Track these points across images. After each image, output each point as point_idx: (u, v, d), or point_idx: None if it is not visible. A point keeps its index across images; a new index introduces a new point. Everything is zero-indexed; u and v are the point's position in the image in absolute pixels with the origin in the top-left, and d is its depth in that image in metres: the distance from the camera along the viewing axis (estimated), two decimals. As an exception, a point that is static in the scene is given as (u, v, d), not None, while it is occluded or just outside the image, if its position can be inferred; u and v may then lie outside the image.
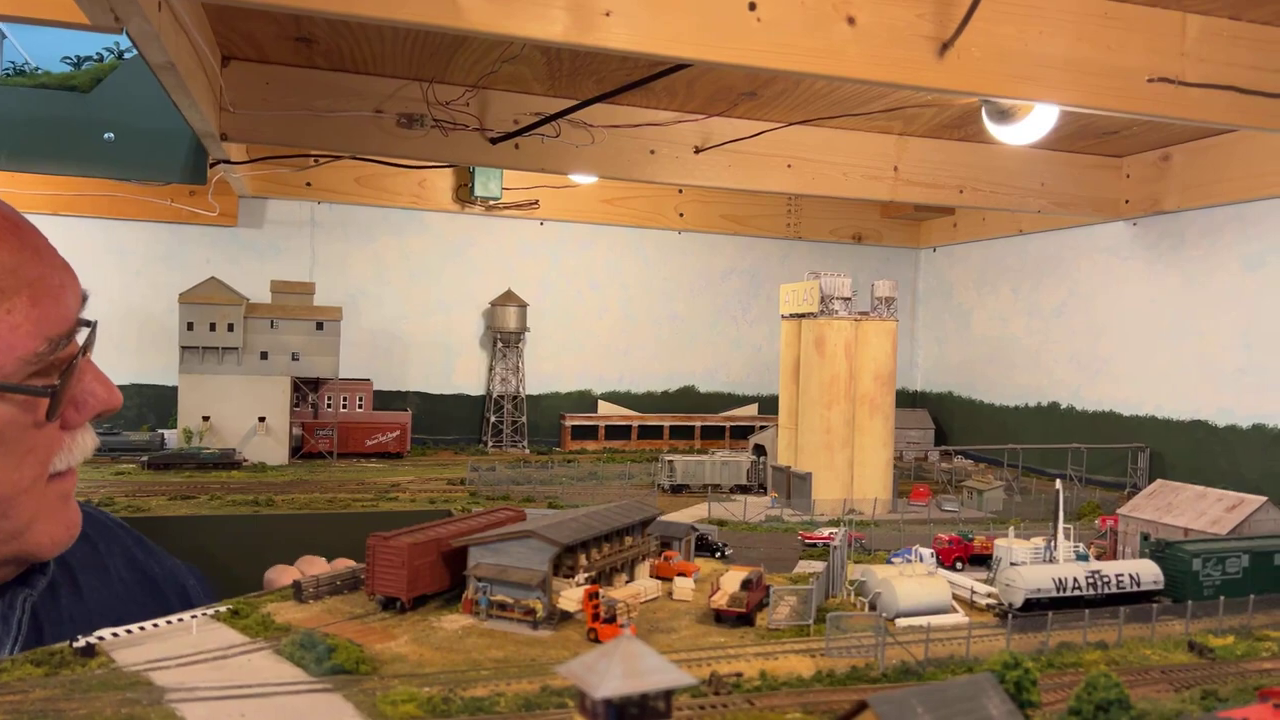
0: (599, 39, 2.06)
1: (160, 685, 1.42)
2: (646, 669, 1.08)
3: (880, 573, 2.18)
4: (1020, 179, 4.44)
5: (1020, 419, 5.49)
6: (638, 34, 2.08)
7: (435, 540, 2.04)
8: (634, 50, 2.11)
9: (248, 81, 3.32)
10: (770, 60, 2.17)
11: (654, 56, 2.16)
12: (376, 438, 4.72)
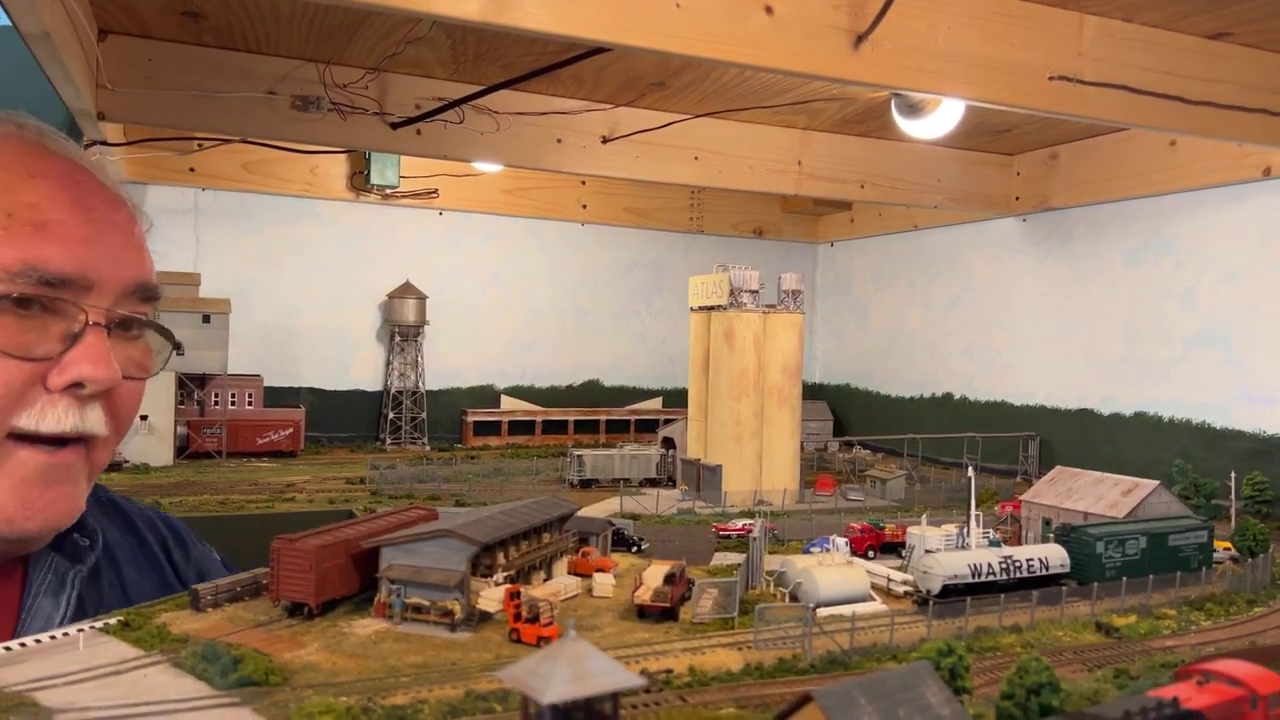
0: (516, 19, 1.99)
1: (47, 706, 1.31)
2: (593, 671, 1.03)
3: (799, 563, 2.18)
4: (917, 175, 4.55)
5: (916, 409, 5.64)
6: (556, 15, 2.02)
7: (344, 542, 1.95)
8: (552, 32, 2.05)
9: (128, 57, 3.11)
10: (689, 47, 2.14)
11: (572, 39, 2.10)
12: (268, 436, 4.52)
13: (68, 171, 1.41)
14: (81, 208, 1.38)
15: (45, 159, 1.40)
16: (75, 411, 1.36)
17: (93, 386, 1.36)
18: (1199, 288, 4.02)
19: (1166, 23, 2.74)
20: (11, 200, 1.32)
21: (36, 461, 1.34)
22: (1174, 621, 2.10)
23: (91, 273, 1.35)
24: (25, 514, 1.36)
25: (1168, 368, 4.14)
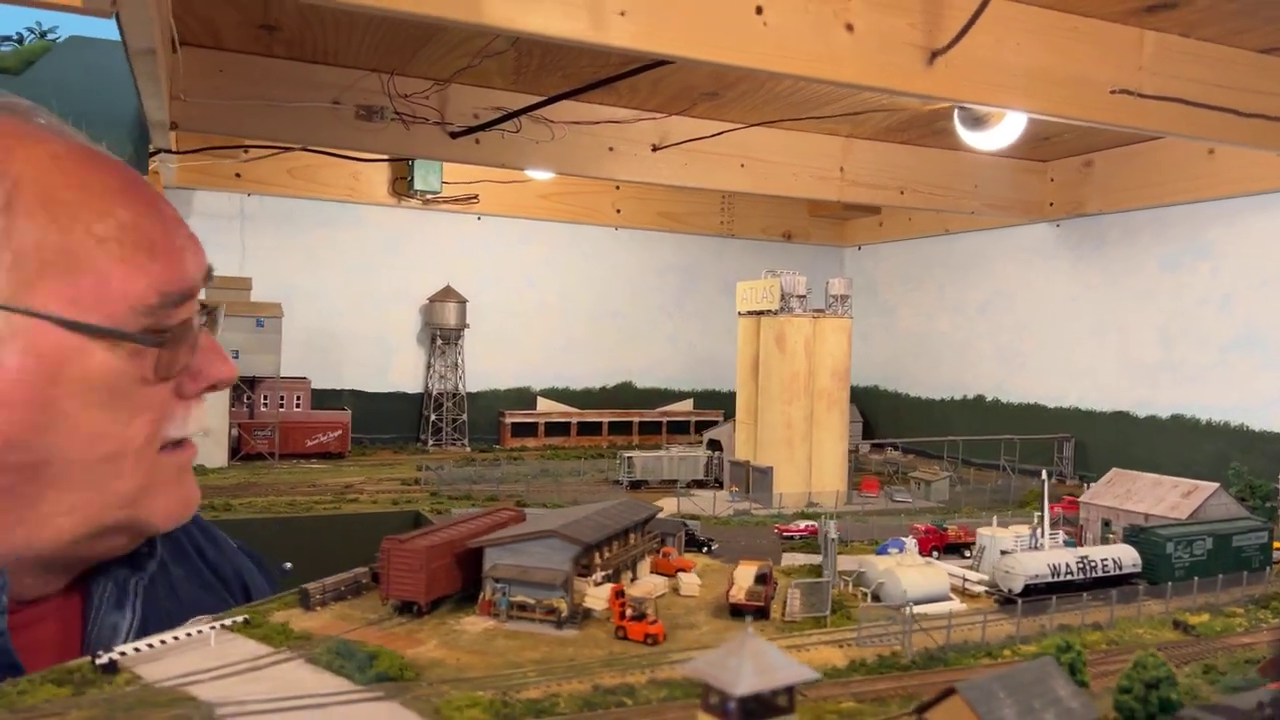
0: (611, 38, 2.07)
1: (206, 700, 1.37)
2: (774, 665, 1.10)
3: (880, 564, 2.25)
4: (955, 181, 4.62)
5: (946, 411, 5.71)
6: (649, 33, 2.09)
7: (449, 542, 2.01)
8: (643, 49, 2.12)
9: (200, 69, 3.18)
10: (774, 63, 2.21)
11: (662, 56, 2.17)
12: (317, 437, 4.59)
13: (124, 172, 1.42)
14: (158, 212, 1.40)
15: (110, 170, 1.41)
16: (201, 409, 1.43)
17: (224, 385, 1.43)
18: (1236, 293, 4.10)
19: (1221, 38, 2.81)
20: (114, 224, 1.33)
21: (179, 461, 1.42)
22: (1244, 619, 2.17)
23: (193, 277, 1.40)
24: (184, 509, 1.44)
25: (1205, 371, 4.21)
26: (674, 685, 1.59)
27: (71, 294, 1.29)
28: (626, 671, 1.67)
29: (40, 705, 1.29)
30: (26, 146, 1.35)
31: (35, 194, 1.29)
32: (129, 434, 1.33)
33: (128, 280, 1.31)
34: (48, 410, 1.30)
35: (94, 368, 1.30)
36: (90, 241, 1.31)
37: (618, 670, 1.67)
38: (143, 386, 1.34)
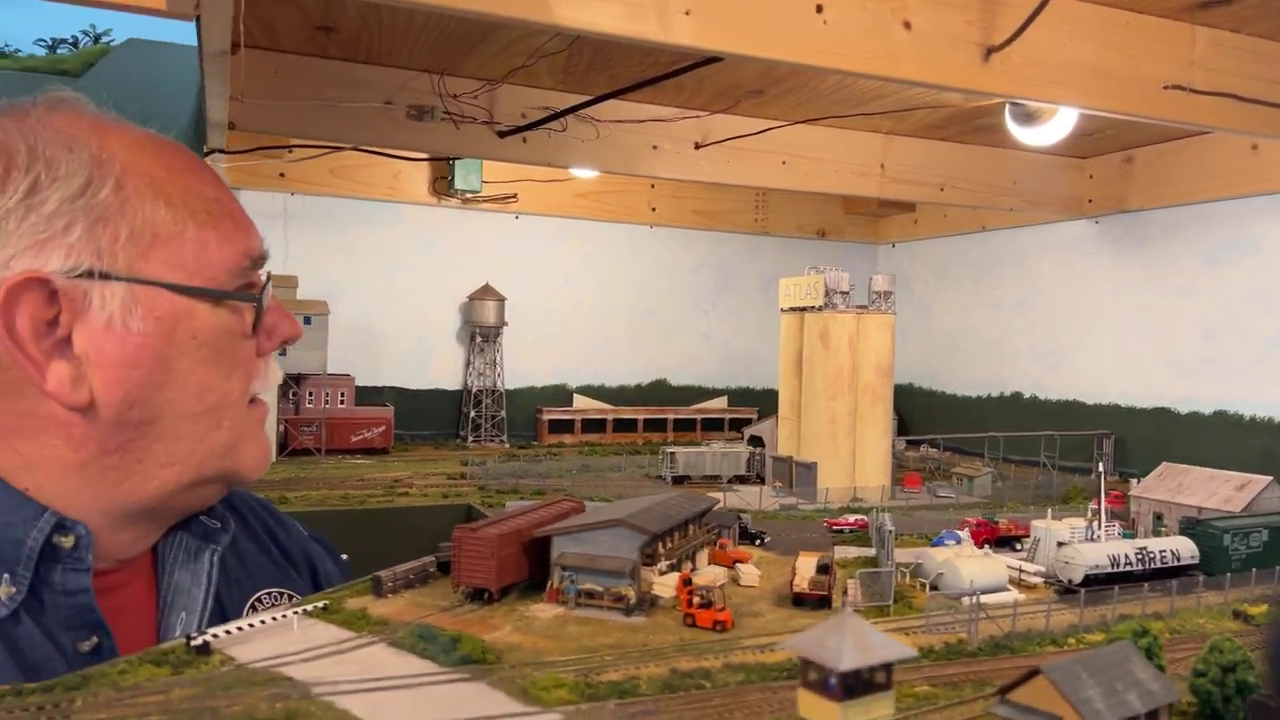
0: (676, 36, 2.10)
1: (300, 680, 1.41)
2: (874, 644, 1.14)
3: (938, 555, 2.28)
4: (995, 178, 4.63)
5: (982, 408, 5.71)
6: (712, 32, 2.13)
7: (517, 531, 2.06)
8: (707, 48, 2.16)
9: (257, 70, 3.24)
10: (834, 61, 2.24)
11: (724, 54, 2.21)
12: (361, 433, 4.66)
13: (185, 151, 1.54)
14: (222, 184, 1.52)
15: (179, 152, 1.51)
16: (274, 367, 1.55)
17: (292, 341, 1.57)
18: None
19: (1272, 33, 2.82)
20: (199, 197, 1.44)
21: (260, 413, 1.54)
22: (1304, 611, 2.18)
23: (262, 243, 1.52)
24: (266, 459, 1.55)
25: (1249, 367, 4.20)
26: (748, 669, 1.63)
27: (178, 261, 1.41)
28: (700, 656, 1.70)
29: (142, 684, 1.34)
30: (115, 135, 1.46)
31: (138, 175, 1.41)
32: (229, 387, 1.45)
33: (222, 246, 1.43)
34: (165, 369, 1.42)
35: (201, 327, 1.43)
36: (187, 214, 1.42)
37: (691, 655, 1.71)
38: (241, 342, 1.47)
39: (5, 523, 1.38)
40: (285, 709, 1.30)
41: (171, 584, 1.62)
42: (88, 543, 1.42)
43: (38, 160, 1.39)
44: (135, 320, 1.39)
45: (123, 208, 1.40)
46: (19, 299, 1.34)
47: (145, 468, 1.44)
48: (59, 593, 1.40)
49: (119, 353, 1.40)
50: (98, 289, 1.37)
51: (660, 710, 1.42)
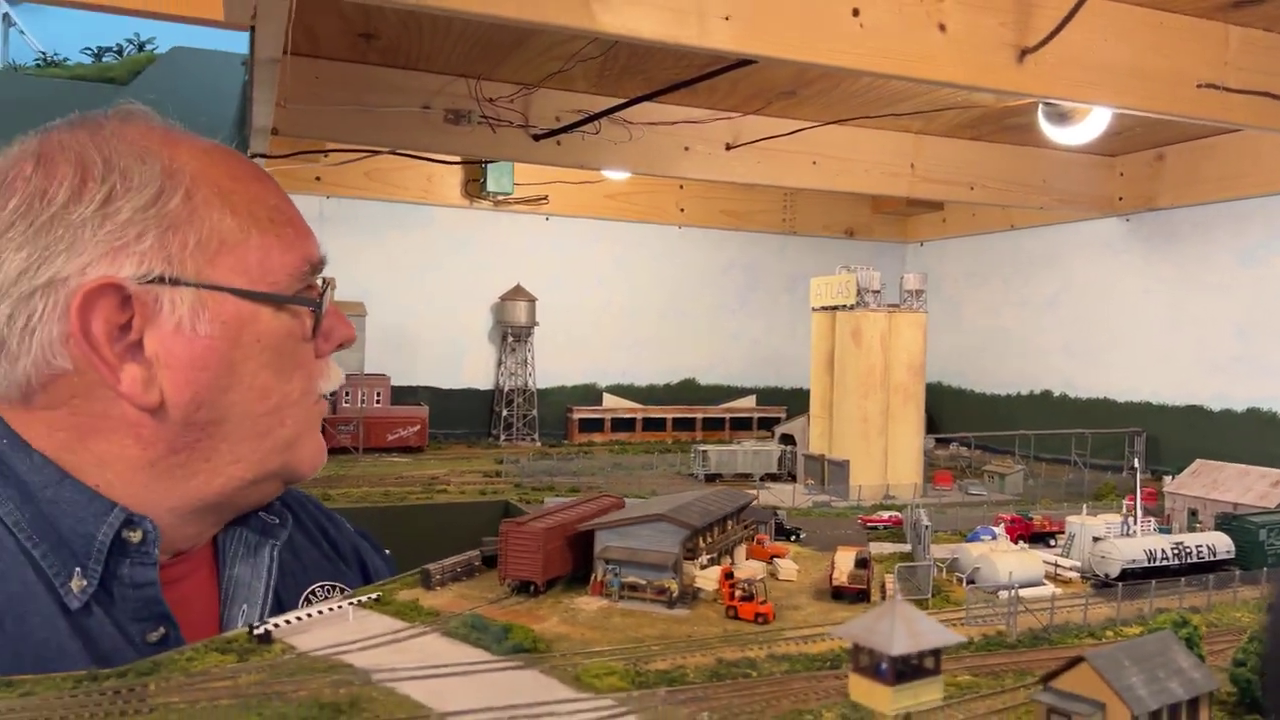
0: (715, 41, 2.15)
1: (360, 667, 1.47)
2: (924, 630, 1.18)
3: (973, 550, 2.31)
4: (1024, 177, 4.64)
5: (1011, 406, 5.72)
6: (750, 36, 2.17)
7: (562, 525, 2.11)
8: (745, 52, 2.20)
9: (299, 76, 3.31)
10: (870, 64, 2.28)
11: (761, 57, 2.25)
12: (397, 432, 4.74)
13: (245, 160, 1.61)
14: (282, 192, 1.59)
15: (241, 161, 1.58)
16: (334, 369, 1.61)
17: (348, 344, 1.61)
18: (1315, 286, 4.08)
19: (1307, 30, 2.83)
20: (264, 206, 1.51)
21: (319, 411, 1.60)
22: (1340, 606, 2.19)
23: (320, 249, 1.57)
24: (322, 455, 1.62)
25: (1284, 365, 4.19)
26: (792, 659, 1.67)
27: (242, 268, 1.47)
28: (745, 646, 1.74)
29: (210, 670, 1.40)
30: (185, 146, 1.52)
31: (206, 185, 1.47)
32: (290, 388, 1.51)
33: (284, 253, 1.49)
34: (231, 371, 1.47)
35: (264, 331, 1.49)
36: (250, 222, 1.48)
37: (736, 646, 1.75)
38: (301, 345, 1.52)
39: (77, 518, 1.44)
40: (349, 695, 1.35)
41: (232, 577, 1.67)
42: (154, 537, 1.47)
43: (113, 171, 1.44)
44: (203, 324, 1.44)
45: (191, 216, 1.46)
46: (95, 304, 1.40)
47: (212, 466, 1.50)
48: (127, 585, 1.46)
49: (188, 355, 1.45)
50: (168, 294, 1.43)
51: (709, 697, 1.47)
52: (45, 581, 1.40)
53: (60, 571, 1.41)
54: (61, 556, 1.42)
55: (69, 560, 1.42)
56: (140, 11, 2.04)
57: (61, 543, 1.43)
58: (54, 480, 1.45)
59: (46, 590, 1.40)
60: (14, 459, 1.47)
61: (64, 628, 1.40)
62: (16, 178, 1.45)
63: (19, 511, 1.43)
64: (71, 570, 1.41)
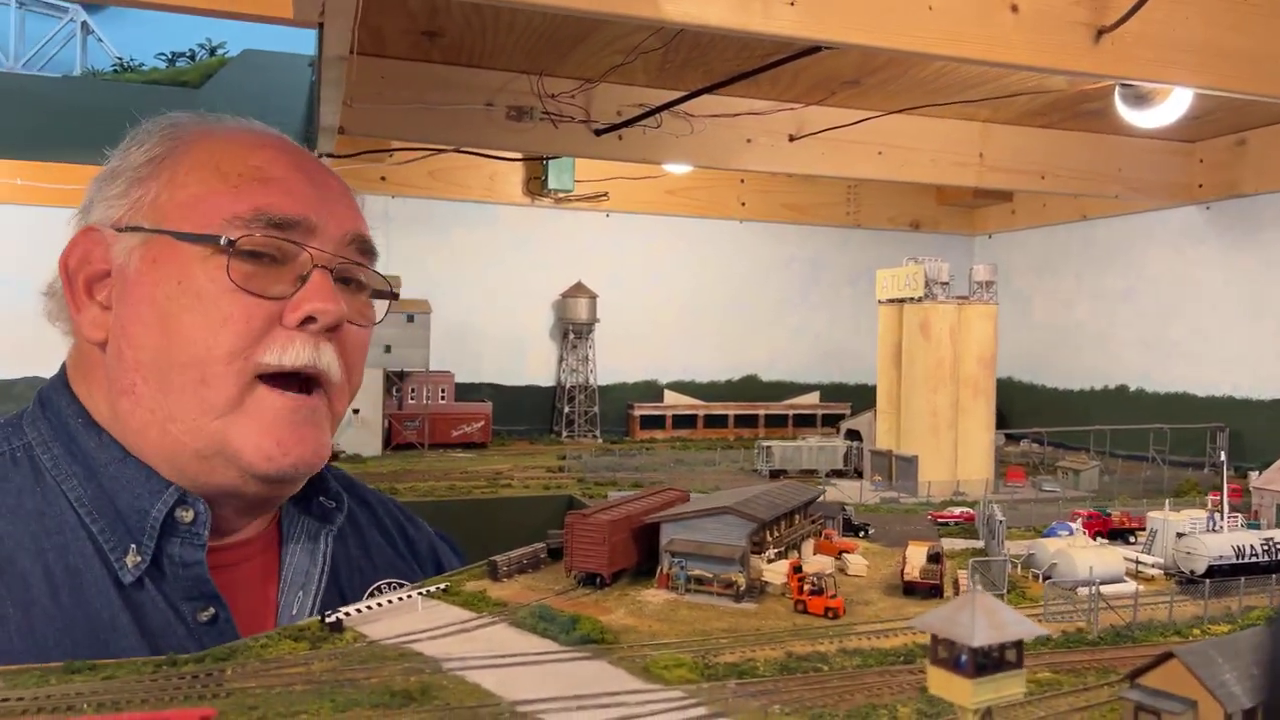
0: (779, 27, 2.11)
1: (430, 656, 1.47)
2: (1006, 621, 1.14)
3: (1051, 546, 2.24)
4: (1098, 165, 4.51)
5: (1085, 402, 5.56)
6: (816, 22, 2.14)
7: (627, 517, 2.10)
8: (810, 37, 2.16)
9: (365, 76, 3.36)
10: (940, 47, 2.23)
11: (828, 43, 2.21)
12: (461, 428, 4.79)
13: (287, 145, 1.65)
14: (300, 169, 1.59)
15: (267, 137, 1.64)
16: (310, 348, 1.51)
17: (323, 319, 1.51)
18: None
19: (1399, 3, 2.69)
20: (241, 164, 1.54)
21: (284, 403, 1.50)
22: None
23: (313, 218, 1.53)
24: (281, 451, 1.49)
25: (1377, 356, 4.00)
26: (864, 654, 1.64)
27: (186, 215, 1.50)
28: (815, 641, 1.72)
29: (284, 656, 1.42)
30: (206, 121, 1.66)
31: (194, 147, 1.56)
32: (215, 342, 1.46)
33: (232, 201, 1.49)
34: (154, 308, 1.50)
35: (185, 271, 1.49)
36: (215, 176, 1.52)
37: (806, 640, 1.73)
38: (230, 295, 1.47)
39: (134, 494, 1.49)
40: (419, 682, 1.36)
41: (292, 564, 1.70)
42: (205, 519, 1.51)
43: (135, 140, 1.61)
44: (139, 263, 1.50)
45: (160, 172, 1.54)
46: (75, 248, 1.55)
47: (158, 419, 1.49)
48: (177, 564, 1.50)
49: (126, 294, 1.52)
50: (125, 239, 1.52)
51: (780, 690, 1.45)
52: (102, 556, 1.46)
53: (116, 546, 1.46)
54: (118, 532, 1.47)
55: (125, 536, 1.47)
56: (213, 11, 2.09)
57: (119, 518, 1.48)
58: (117, 458, 1.51)
59: (102, 564, 1.45)
60: (83, 436, 1.54)
61: (117, 601, 1.44)
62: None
63: (82, 487, 1.49)
64: (127, 546, 1.46)
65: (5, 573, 1.39)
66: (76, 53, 4.12)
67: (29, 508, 1.45)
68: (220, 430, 1.47)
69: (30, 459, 1.51)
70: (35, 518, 1.45)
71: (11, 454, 1.52)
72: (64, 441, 1.52)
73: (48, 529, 1.44)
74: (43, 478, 1.49)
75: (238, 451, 1.48)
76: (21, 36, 4.17)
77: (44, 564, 1.41)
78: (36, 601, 1.38)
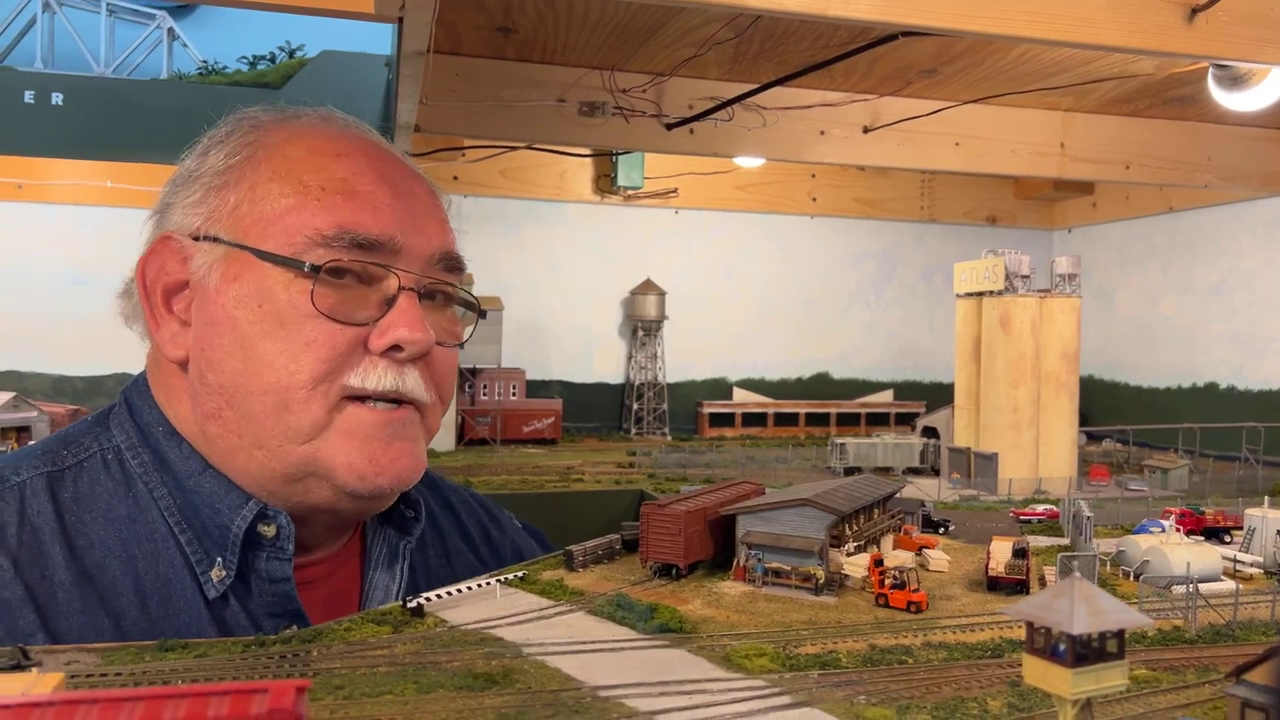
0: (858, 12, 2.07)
1: (511, 641, 1.47)
2: (1107, 609, 1.10)
3: (1143, 543, 2.16)
4: (1186, 154, 4.35)
5: (1171, 400, 5.37)
6: (896, 6, 2.09)
7: (703, 509, 2.09)
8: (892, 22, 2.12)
9: (440, 74, 3.39)
10: (1024, 29, 2.16)
11: (909, 28, 2.16)
12: (532, 424, 4.83)
13: (372, 150, 1.55)
14: (387, 181, 1.50)
15: (351, 141, 1.54)
16: (393, 373, 1.46)
17: (410, 349, 1.45)
18: None
19: None
20: (326, 176, 1.46)
21: (374, 418, 1.45)
22: None
23: (399, 237, 1.46)
24: (375, 469, 1.45)
25: None
26: (950, 648, 1.60)
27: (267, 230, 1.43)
28: (898, 634, 1.68)
29: (368, 640, 1.43)
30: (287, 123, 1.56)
31: (275, 153, 1.48)
32: (296, 368, 1.41)
33: (314, 216, 1.43)
34: (235, 332, 1.43)
35: (266, 293, 1.42)
36: (298, 189, 1.45)
37: (889, 633, 1.69)
38: (312, 322, 1.41)
39: (214, 509, 1.46)
40: (501, 666, 1.37)
41: (374, 580, 1.68)
42: (288, 533, 1.48)
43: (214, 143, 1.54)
44: (218, 279, 1.44)
45: (240, 180, 1.47)
46: (153, 256, 1.49)
47: (244, 445, 1.44)
48: (263, 579, 1.47)
49: (205, 312, 1.46)
50: (204, 250, 1.46)
51: (864, 681, 1.42)
52: (189, 567, 1.44)
53: (203, 560, 1.44)
54: (205, 545, 1.45)
55: (211, 549, 1.45)
56: (297, 8, 2.13)
57: (205, 531, 1.46)
58: (198, 470, 1.48)
59: (191, 576, 1.43)
60: (166, 446, 1.51)
61: (204, 614, 1.42)
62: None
63: (170, 496, 1.47)
64: (213, 560, 1.44)
65: (97, 580, 1.37)
66: (163, 58, 4.26)
67: (120, 513, 1.42)
68: (309, 453, 1.43)
69: (120, 463, 1.47)
70: (126, 524, 1.42)
71: (102, 455, 1.48)
72: (151, 448, 1.49)
73: (138, 536, 1.42)
74: (133, 484, 1.46)
75: (330, 471, 1.44)
76: (111, 43, 4.32)
77: (135, 573, 1.40)
78: (127, 612, 1.37)
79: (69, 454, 1.47)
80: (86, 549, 1.39)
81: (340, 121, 1.60)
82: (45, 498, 1.41)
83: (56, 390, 4.79)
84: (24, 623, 1.31)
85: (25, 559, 1.35)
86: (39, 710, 0.60)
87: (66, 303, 4.67)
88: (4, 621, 1.31)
